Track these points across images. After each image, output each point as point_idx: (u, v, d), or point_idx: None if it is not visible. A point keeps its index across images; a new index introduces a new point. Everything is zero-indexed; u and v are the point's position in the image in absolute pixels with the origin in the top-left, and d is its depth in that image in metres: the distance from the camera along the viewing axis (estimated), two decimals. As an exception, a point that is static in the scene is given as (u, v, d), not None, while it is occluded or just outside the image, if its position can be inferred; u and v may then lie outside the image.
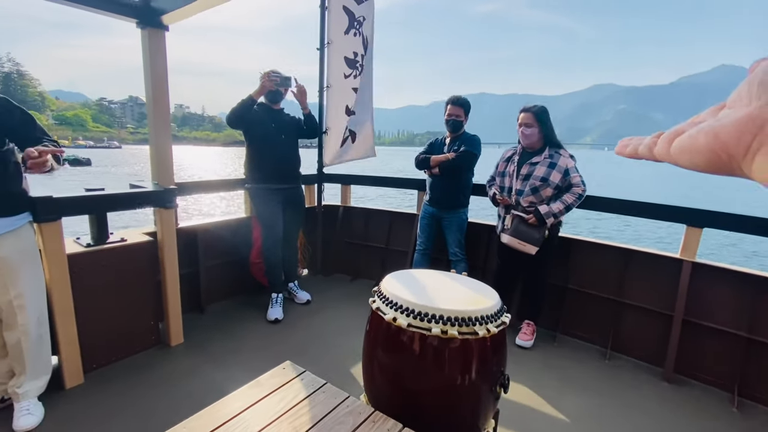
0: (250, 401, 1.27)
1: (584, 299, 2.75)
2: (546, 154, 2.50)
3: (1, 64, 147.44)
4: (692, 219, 2.38)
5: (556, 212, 2.42)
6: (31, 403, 1.81)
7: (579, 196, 2.42)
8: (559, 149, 2.51)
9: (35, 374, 1.84)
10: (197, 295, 2.93)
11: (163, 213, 2.36)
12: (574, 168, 2.46)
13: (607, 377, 2.35)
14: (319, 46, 3.32)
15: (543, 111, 2.53)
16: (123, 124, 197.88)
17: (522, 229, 2.49)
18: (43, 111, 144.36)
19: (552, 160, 2.47)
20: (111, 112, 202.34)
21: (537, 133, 2.52)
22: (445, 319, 1.30)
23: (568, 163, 2.45)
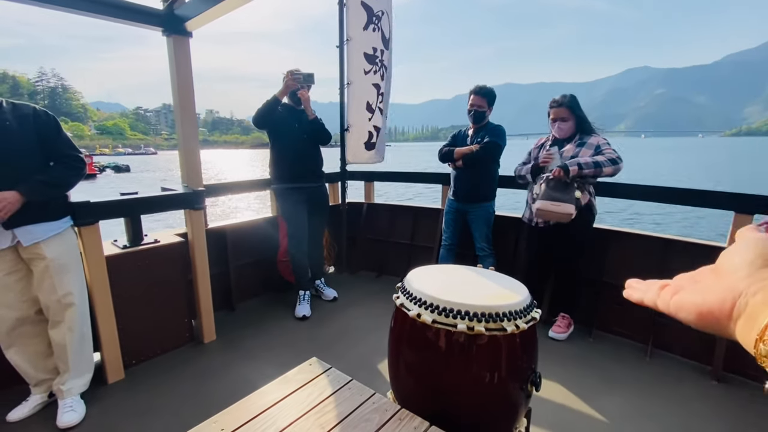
0: (278, 397, 1.28)
1: (621, 292, 2.60)
2: (576, 138, 2.46)
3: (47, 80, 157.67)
4: (741, 205, 2.20)
5: (582, 163, 2.26)
6: (74, 400, 1.91)
7: (611, 159, 2.24)
8: (591, 134, 2.45)
9: (78, 372, 1.94)
10: (228, 294, 3.02)
11: (192, 214, 2.43)
12: (607, 143, 2.35)
13: (648, 376, 2.22)
14: (338, 43, 3.32)
15: (574, 100, 2.47)
16: (158, 131, 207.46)
17: (552, 191, 2.35)
18: (86, 122, 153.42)
19: (581, 140, 2.42)
20: (146, 120, 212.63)
21: (573, 126, 2.47)
22: (471, 314, 1.26)
23: (599, 141, 2.37)
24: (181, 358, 2.38)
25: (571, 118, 2.45)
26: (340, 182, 3.68)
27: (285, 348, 2.50)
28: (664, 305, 0.39)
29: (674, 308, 0.37)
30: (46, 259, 1.77)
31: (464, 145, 2.90)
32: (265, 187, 3.21)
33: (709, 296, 0.33)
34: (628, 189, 2.61)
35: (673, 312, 0.37)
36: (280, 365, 2.13)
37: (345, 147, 3.48)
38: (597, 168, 2.25)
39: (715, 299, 0.32)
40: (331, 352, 2.44)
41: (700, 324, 0.34)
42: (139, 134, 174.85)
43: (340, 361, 2.35)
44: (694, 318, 0.34)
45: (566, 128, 2.46)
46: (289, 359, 2.15)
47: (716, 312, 0.32)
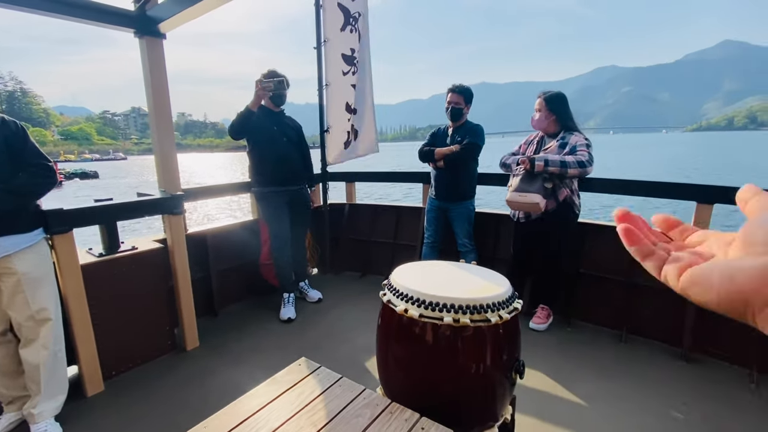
0: (268, 398, 1.29)
1: (597, 283, 2.73)
2: (559, 136, 2.52)
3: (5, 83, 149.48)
4: (702, 195, 2.34)
5: (549, 160, 2.36)
6: (48, 423, 1.81)
7: (579, 162, 2.33)
8: (573, 132, 2.50)
9: (51, 394, 1.83)
10: (210, 299, 2.97)
11: (171, 219, 2.38)
12: (584, 145, 2.40)
13: (624, 359, 2.34)
14: (316, 45, 3.31)
15: (553, 97, 2.54)
16: (127, 136, 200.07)
17: (520, 181, 2.48)
18: (49, 127, 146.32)
19: (563, 141, 2.48)
20: (115, 125, 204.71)
21: (544, 118, 2.53)
22: (457, 307, 1.30)
23: (578, 140, 2.43)
24: (163, 366, 2.33)
25: (542, 110, 2.52)
26: (321, 184, 3.67)
27: (272, 351, 2.48)
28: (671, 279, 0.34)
29: (687, 283, 0.32)
30: (18, 273, 1.69)
31: (444, 143, 2.96)
32: (245, 191, 3.18)
33: (739, 276, 0.28)
34: (603, 183, 2.72)
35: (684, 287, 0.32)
36: (267, 368, 2.12)
37: (325, 148, 3.49)
38: (563, 167, 2.34)
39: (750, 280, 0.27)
40: (319, 353, 2.44)
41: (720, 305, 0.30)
42: (107, 139, 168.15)
43: (329, 360, 2.35)
44: (714, 296, 0.30)
45: (539, 119, 2.54)
46: (276, 362, 2.14)
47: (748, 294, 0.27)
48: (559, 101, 2.51)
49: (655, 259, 0.37)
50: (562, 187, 2.47)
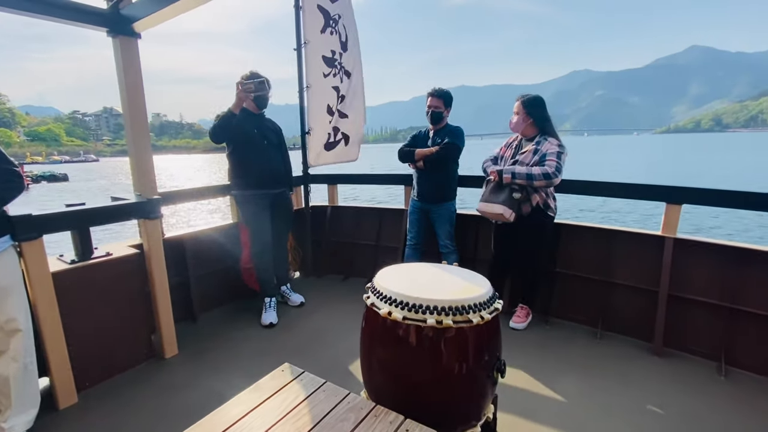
0: (250, 406, 1.27)
1: (573, 282, 2.81)
2: (535, 141, 2.56)
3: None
4: (671, 196, 2.45)
5: (516, 172, 2.46)
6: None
7: (545, 173, 2.38)
8: (549, 137, 2.54)
9: (22, 408, 1.76)
10: (189, 305, 2.90)
11: (148, 224, 2.32)
12: (554, 154, 2.44)
13: (599, 356, 2.41)
14: (296, 46, 3.29)
15: (531, 101, 2.58)
16: (99, 137, 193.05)
17: (488, 192, 2.57)
18: (14, 128, 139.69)
19: (537, 147, 2.52)
20: (85, 125, 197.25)
21: (522, 121, 2.58)
22: (440, 309, 1.32)
23: (549, 149, 2.47)
24: (140, 375, 2.26)
25: (520, 113, 2.58)
26: (303, 186, 3.65)
27: (253, 357, 2.44)
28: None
29: None
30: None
31: (425, 145, 2.98)
32: (225, 194, 3.12)
33: None
34: (578, 184, 2.81)
35: None
36: (249, 374, 2.09)
37: (306, 150, 3.46)
38: (529, 180, 2.43)
39: None
40: (302, 357, 2.42)
41: None
42: (77, 140, 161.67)
43: (312, 365, 2.34)
44: None
45: (516, 122, 2.60)
46: (258, 368, 2.11)
47: None
48: (537, 105, 2.56)
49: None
50: (535, 193, 2.53)
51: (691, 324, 2.40)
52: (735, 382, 2.14)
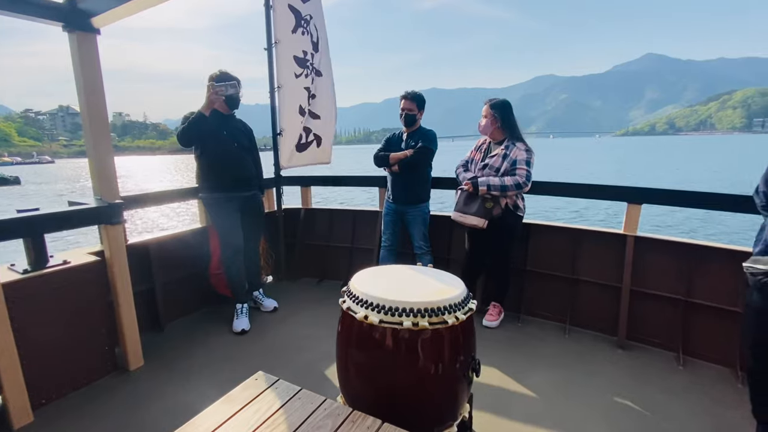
0: (222, 418, 1.23)
1: (542, 280, 2.90)
2: (504, 145, 2.63)
3: None
4: (631, 196, 2.58)
5: (491, 184, 2.54)
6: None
7: (517, 184, 2.50)
8: (517, 142, 2.61)
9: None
10: (155, 314, 2.77)
11: (109, 230, 2.20)
12: (524, 161, 2.53)
13: (568, 350, 2.50)
14: (266, 46, 3.23)
15: (499, 105, 2.64)
16: (54, 137, 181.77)
17: (462, 202, 2.65)
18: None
19: (507, 152, 2.59)
20: (39, 125, 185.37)
21: (490, 124, 2.63)
22: (416, 311, 1.33)
23: (518, 155, 2.55)
24: (102, 390, 2.14)
25: (488, 117, 2.64)
26: (275, 188, 3.58)
27: (225, 365, 2.36)
28: None
29: None
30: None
31: (399, 148, 3.00)
32: (192, 197, 3.01)
33: None
34: (544, 186, 2.90)
35: None
36: (221, 385, 2.02)
37: (278, 152, 3.40)
38: (503, 191, 2.54)
39: None
40: (277, 364, 2.37)
41: None
42: (30, 140, 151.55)
43: (287, 371, 2.29)
44: None
45: (485, 125, 2.66)
46: (230, 377, 2.04)
47: None
48: (504, 108, 2.63)
49: None
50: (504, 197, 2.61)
51: (651, 317, 2.53)
52: (692, 371, 2.28)
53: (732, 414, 1.89)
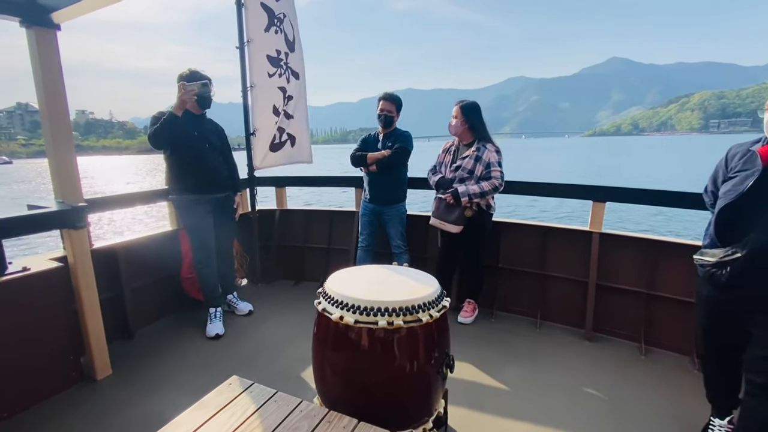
0: (194, 425, 1.20)
1: (514, 276, 2.99)
2: (474, 147, 2.68)
3: None
4: (596, 195, 2.69)
5: (471, 193, 2.60)
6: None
7: (494, 187, 2.59)
8: (487, 143, 2.68)
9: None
10: (124, 321, 2.67)
11: (72, 234, 2.11)
12: (497, 163, 2.62)
13: (538, 344, 2.59)
14: (238, 44, 3.17)
15: (469, 107, 2.69)
16: (12, 136, 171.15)
17: (442, 210, 2.69)
18: None
19: (478, 154, 2.65)
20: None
21: (460, 125, 2.69)
22: (391, 310, 1.35)
23: (491, 158, 2.63)
24: (68, 401, 2.04)
25: (459, 117, 2.69)
26: (249, 189, 3.52)
27: (198, 372, 2.31)
28: None
29: None
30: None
31: (375, 148, 3.02)
32: (162, 198, 2.92)
33: None
34: (513, 185, 2.99)
35: None
36: (194, 392, 1.97)
37: (252, 152, 3.35)
38: (482, 196, 2.62)
39: None
40: (252, 368, 2.33)
41: None
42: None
43: (263, 375, 2.26)
44: None
45: (455, 125, 2.71)
46: (204, 383, 2.00)
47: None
48: (474, 110, 2.70)
49: None
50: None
51: (615, 310, 2.66)
52: (653, 360, 2.41)
53: (689, 399, 2.01)
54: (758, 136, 1.52)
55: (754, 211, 1.37)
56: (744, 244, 1.37)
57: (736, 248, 1.38)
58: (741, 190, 1.39)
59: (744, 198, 1.38)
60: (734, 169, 1.49)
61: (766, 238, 1.32)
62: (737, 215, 1.42)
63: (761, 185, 1.36)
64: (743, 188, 1.39)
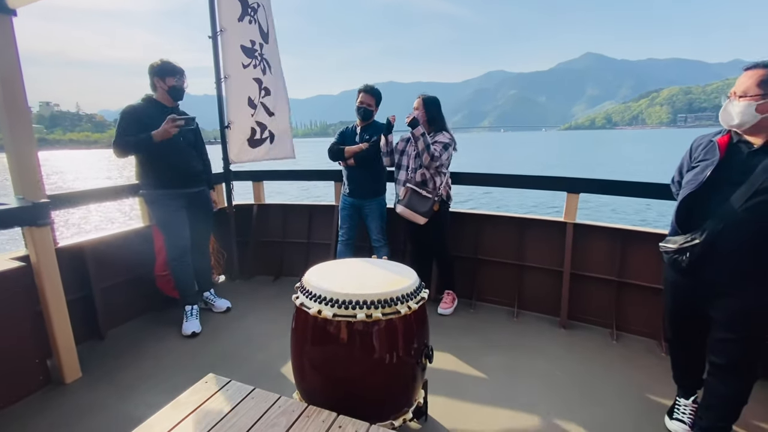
0: (169, 425, 1.17)
1: (492, 267, 3.05)
2: (431, 134, 2.73)
3: None
4: (570, 186, 2.76)
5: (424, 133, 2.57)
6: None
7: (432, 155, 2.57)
8: (444, 131, 2.74)
9: None
10: (94, 321, 2.57)
11: (34, 232, 2.00)
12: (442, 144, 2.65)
13: (516, 333, 2.65)
14: (211, 34, 3.07)
15: (430, 100, 2.75)
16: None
17: (414, 201, 2.69)
18: None
19: (436, 138, 2.71)
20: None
21: (422, 116, 2.72)
22: (369, 303, 1.34)
23: (440, 139, 2.68)
24: (33, 406, 1.96)
25: (420, 110, 2.73)
26: (225, 183, 3.43)
27: (174, 371, 2.25)
28: None
29: None
30: None
31: (353, 142, 2.99)
32: (131, 194, 2.81)
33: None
34: (492, 178, 3.03)
35: None
36: (169, 392, 1.92)
37: (227, 145, 3.26)
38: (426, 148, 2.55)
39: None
40: (230, 366, 2.29)
41: None
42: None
43: (241, 372, 2.22)
44: None
45: (417, 116, 2.70)
46: (180, 383, 1.95)
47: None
48: (435, 104, 2.75)
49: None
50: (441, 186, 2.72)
51: (588, 298, 2.75)
52: (624, 345, 2.50)
53: (656, 381, 2.10)
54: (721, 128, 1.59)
55: (711, 200, 1.43)
56: (702, 231, 1.43)
57: (695, 235, 1.44)
58: (701, 179, 1.45)
59: (703, 187, 1.44)
60: (697, 159, 1.55)
61: (721, 225, 1.39)
62: (697, 204, 1.48)
63: (719, 175, 1.42)
64: (703, 177, 1.45)
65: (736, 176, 1.39)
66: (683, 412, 1.74)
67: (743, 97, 1.38)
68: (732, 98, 1.43)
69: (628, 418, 1.86)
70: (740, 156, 1.42)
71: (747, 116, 1.37)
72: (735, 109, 1.40)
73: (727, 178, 1.41)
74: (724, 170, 1.42)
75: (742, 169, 1.39)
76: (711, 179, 1.43)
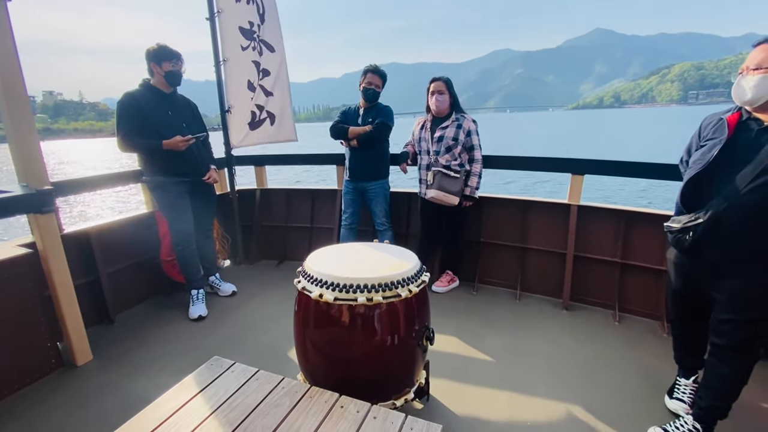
0: (177, 404, 1.21)
1: (495, 249, 3.04)
2: (453, 118, 2.74)
3: None
4: (575, 168, 2.72)
5: (476, 186, 2.79)
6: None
7: (479, 174, 2.78)
8: (464, 113, 2.77)
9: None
10: (102, 305, 2.63)
11: (39, 219, 2.03)
12: (475, 131, 2.75)
13: (518, 315, 2.67)
14: (208, 15, 3.01)
15: (450, 82, 2.76)
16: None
17: (444, 183, 2.71)
18: None
19: (458, 122, 2.73)
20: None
21: (448, 99, 2.73)
22: (370, 287, 1.35)
23: (470, 126, 2.74)
24: (47, 389, 2.02)
25: (446, 92, 2.73)
26: (227, 169, 3.43)
27: (181, 354, 2.30)
28: None
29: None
30: None
31: (355, 123, 2.95)
32: (134, 180, 2.82)
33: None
34: (497, 160, 3.00)
35: None
36: (177, 373, 1.97)
37: (228, 130, 3.24)
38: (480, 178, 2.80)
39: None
40: (235, 348, 2.34)
41: None
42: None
43: (246, 354, 2.27)
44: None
45: (443, 100, 2.73)
46: (187, 365, 2.00)
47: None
48: (452, 85, 2.76)
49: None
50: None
51: (591, 279, 2.74)
52: (626, 325, 2.51)
53: (658, 361, 2.11)
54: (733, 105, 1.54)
55: (718, 179, 1.40)
56: (706, 210, 1.40)
57: (699, 214, 1.42)
58: (708, 159, 1.42)
59: (710, 166, 1.41)
60: (705, 137, 1.52)
61: (725, 204, 1.36)
62: (704, 183, 1.45)
63: (726, 153, 1.39)
64: (710, 156, 1.42)
65: (745, 155, 1.36)
66: (683, 391, 1.76)
67: (758, 70, 1.33)
68: (745, 73, 1.38)
69: (629, 398, 1.88)
70: (749, 134, 1.38)
71: (763, 89, 1.32)
72: (749, 83, 1.35)
73: (734, 156, 1.38)
74: (732, 149, 1.38)
75: (751, 148, 1.35)
76: (718, 159, 1.40)
